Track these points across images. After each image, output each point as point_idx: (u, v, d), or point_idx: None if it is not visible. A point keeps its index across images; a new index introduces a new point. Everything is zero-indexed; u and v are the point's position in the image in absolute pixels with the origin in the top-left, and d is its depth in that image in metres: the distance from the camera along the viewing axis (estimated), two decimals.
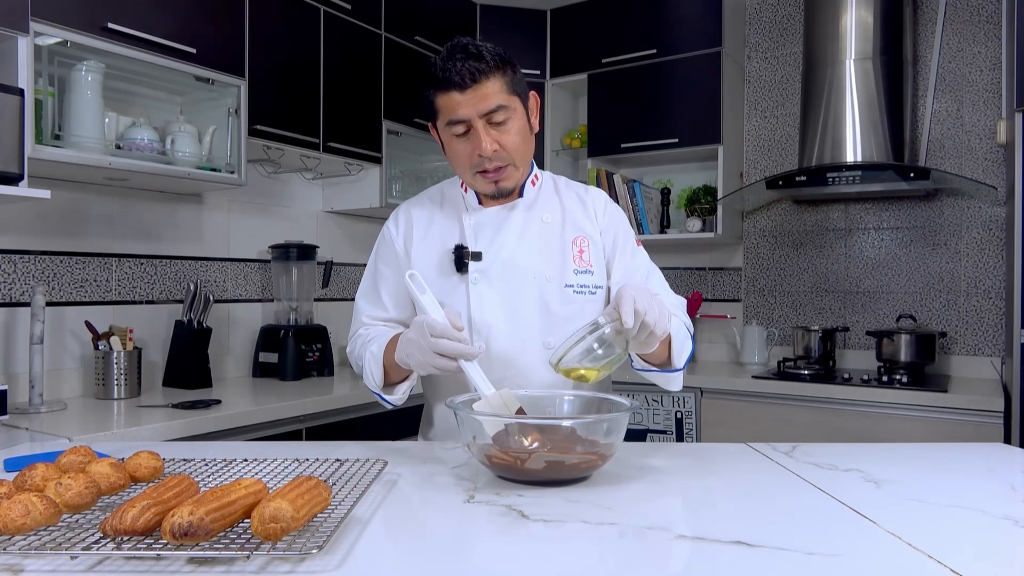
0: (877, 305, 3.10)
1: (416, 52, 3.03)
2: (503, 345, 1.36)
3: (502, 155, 1.30)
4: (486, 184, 1.34)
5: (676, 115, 3.18)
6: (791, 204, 3.28)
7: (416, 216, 1.45)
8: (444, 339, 1.15)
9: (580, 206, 1.45)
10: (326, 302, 3.04)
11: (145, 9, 2.05)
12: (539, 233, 1.40)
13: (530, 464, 1.03)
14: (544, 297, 1.37)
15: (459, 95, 1.26)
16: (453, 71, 1.25)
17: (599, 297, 1.41)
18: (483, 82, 1.25)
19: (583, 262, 1.40)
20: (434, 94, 1.30)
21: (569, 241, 1.40)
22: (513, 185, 1.37)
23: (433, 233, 1.43)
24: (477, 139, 1.28)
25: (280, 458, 1.14)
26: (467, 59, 1.25)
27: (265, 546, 0.75)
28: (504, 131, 1.30)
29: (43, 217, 2.18)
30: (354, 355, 1.43)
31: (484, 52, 1.26)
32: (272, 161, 2.71)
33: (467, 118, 1.27)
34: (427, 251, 1.42)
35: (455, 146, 1.32)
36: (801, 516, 0.96)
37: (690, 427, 2.81)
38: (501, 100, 1.27)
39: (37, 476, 0.90)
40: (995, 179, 2.85)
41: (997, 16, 2.87)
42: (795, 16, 3.27)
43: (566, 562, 0.80)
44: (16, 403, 2.03)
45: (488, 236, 1.39)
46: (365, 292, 1.50)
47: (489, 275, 1.37)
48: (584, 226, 1.42)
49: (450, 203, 1.45)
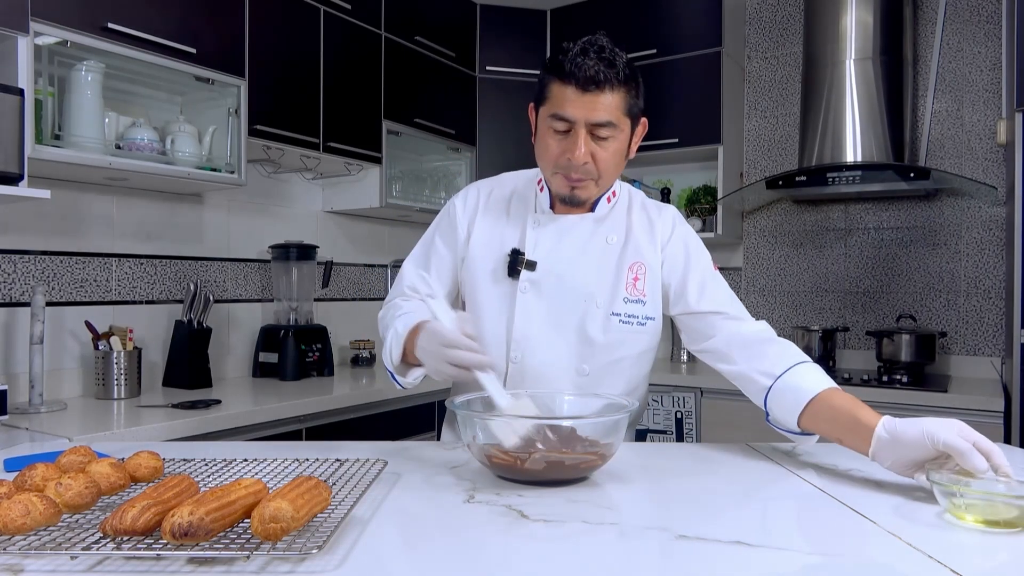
0: (877, 305, 3.10)
1: (416, 52, 3.03)
2: (538, 362, 1.33)
3: (590, 170, 1.25)
4: (562, 186, 1.29)
5: (676, 115, 3.18)
6: (791, 204, 3.28)
7: (485, 201, 1.41)
8: (456, 349, 1.12)
9: (647, 229, 1.38)
10: (326, 302, 3.04)
11: (145, 9, 2.05)
12: (600, 253, 1.35)
13: (530, 464, 1.03)
14: (586, 323, 1.33)
15: (576, 94, 1.20)
16: (582, 67, 1.18)
17: (648, 330, 1.35)
18: (605, 91, 1.20)
19: (636, 290, 1.34)
20: (551, 80, 1.23)
21: (626, 266, 1.35)
22: (587, 198, 1.33)
23: (497, 228, 1.39)
24: (574, 143, 1.23)
25: (280, 458, 1.13)
26: (599, 62, 1.18)
27: (265, 546, 0.75)
28: (603, 147, 1.24)
29: (43, 217, 2.18)
30: (383, 321, 1.39)
31: (618, 61, 1.20)
32: (272, 161, 2.71)
33: (574, 119, 1.21)
34: (486, 244, 1.38)
35: (548, 140, 1.26)
36: (801, 516, 0.96)
37: (690, 427, 2.81)
38: (613, 117, 1.22)
39: (37, 476, 0.90)
40: (995, 179, 2.85)
41: (997, 16, 2.87)
42: (795, 16, 3.27)
43: (566, 562, 0.80)
44: (16, 403, 2.03)
45: (547, 246, 1.35)
46: (415, 260, 1.46)
47: (539, 287, 1.33)
48: (645, 252, 1.36)
49: (520, 200, 1.41)
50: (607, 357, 1.35)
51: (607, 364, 1.35)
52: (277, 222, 2.89)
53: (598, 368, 1.35)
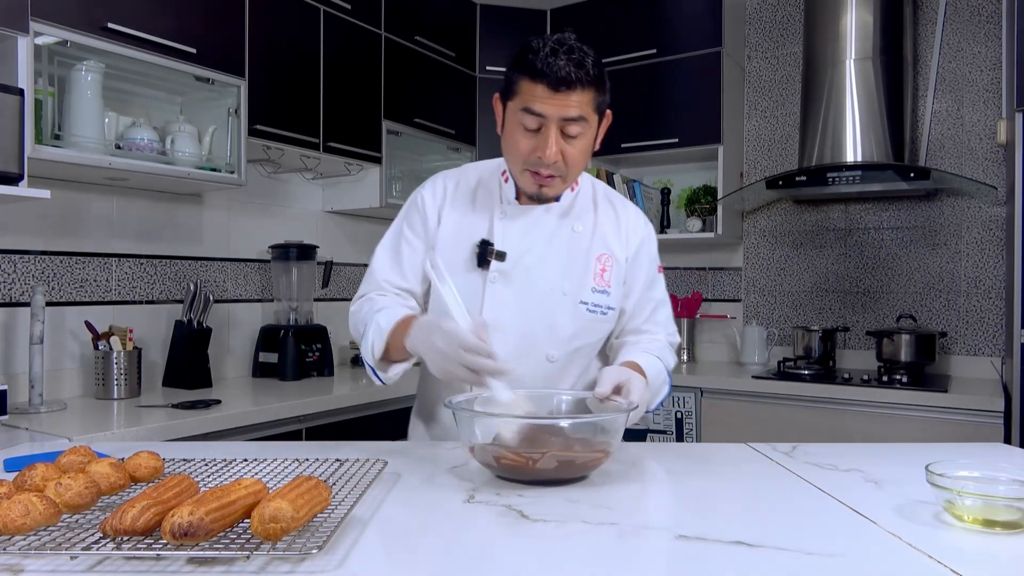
0: (877, 305, 3.10)
1: (416, 52, 3.03)
2: (508, 350, 1.32)
3: (560, 167, 1.27)
4: (531, 184, 1.31)
5: (676, 115, 3.18)
6: (791, 204, 3.28)
7: (452, 192, 1.42)
8: (475, 355, 1.12)
9: (614, 222, 1.42)
10: (326, 302, 3.04)
11: (145, 9, 2.05)
12: (567, 243, 1.38)
13: (543, 464, 1.03)
14: (555, 311, 1.35)
15: (547, 93, 1.21)
16: (553, 68, 1.19)
17: (609, 319, 1.40)
18: (575, 91, 1.21)
19: (603, 281, 1.38)
20: (521, 77, 1.24)
21: (594, 257, 1.38)
22: (555, 195, 1.35)
23: (465, 218, 1.40)
24: (544, 141, 1.24)
25: (280, 458, 1.13)
26: (570, 63, 1.20)
27: (265, 546, 0.75)
28: (572, 144, 1.26)
29: (43, 217, 2.18)
30: (359, 316, 1.38)
31: (587, 61, 1.21)
32: (272, 161, 2.71)
33: (546, 116, 1.23)
34: (455, 234, 1.39)
35: (518, 136, 1.27)
36: (801, 516, 0.96)
37: (690, 427, 2.81)
38: (584, 113, 1.24)
39: (37, 476, 0.90)
40: (995, 179, 2.85)
41: (997, 16, 2.87)
42: (795, 16, 3.26)
43: (566, 562, 0.80)
44: (16, 403, 2.03)
45: (516, 237, 1.36)
46: (385, 253, 1.45)
47: (508, 278, 1.35)
48: (612, 245, 1.40)
49: (485, 190, 1.42)
50: (573, 344, 1.38)
51: (572, 351, 1.39)
52: (277, 222, 2.89)
53: (564, 355, 1.38)
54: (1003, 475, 0.95)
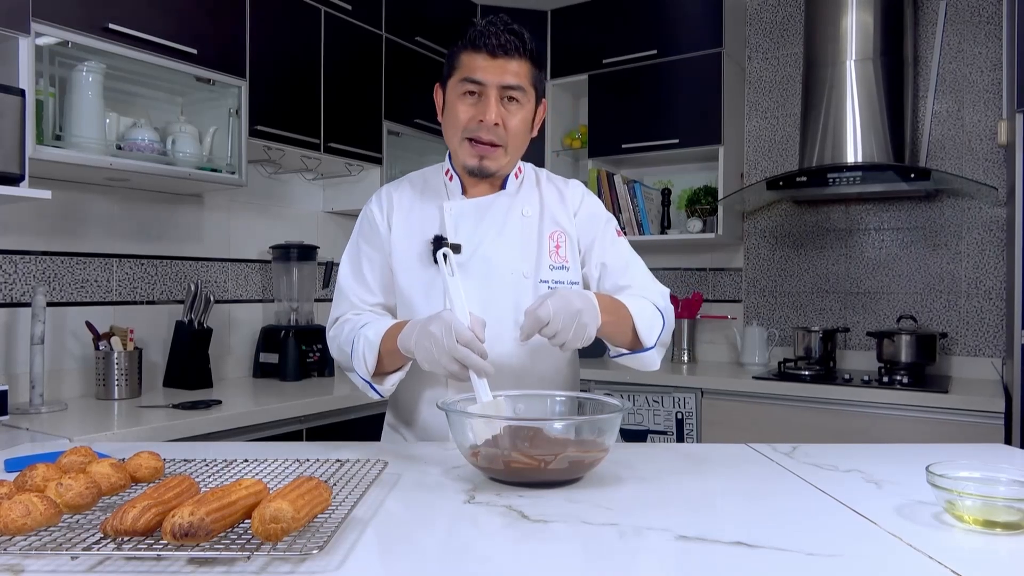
0: (878, 306, 3.10)
1: (416, 52, 3.04)
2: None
3: (500, 133, 1.31)
4: (471, 154, 1.33)
5: (677, 115, 3.18)
6: (791, 205, 3.27)
7: (397, 199, 1.45)
8: (468, 349, 1.13)
9: (559, 200, 1.45)
10: (326, 302, 3.04)
11: (146, 9, 2.05)
12: (519, 227, 1.40)
13: (555, 465, 1.03)
14: (518, 295, 1.36)
15: (486, 60, 1.29)
16: (490, 36, 1.28)
17: None
18: (513, 58, 1.29)
19: (559, 257, 1.40)
20: (460, 51, 1.32)
21: (546, 235, 1.40)
22: (496, 169, 1.36)
23: (413, 220, 1.42)
24: (485, 106, 1.29)
25: (280, 458, 1.14)
26: (506, 32, 1.28)
27: (265, 547, 0.75)
28: (512, 113, 1.31)
29: (44, 217, 2.18)
30: (340, 339, 1.38)
31: (524, 35, 1.30)
32: (273, 161, 2.71)
33: (485, 82, 1.29)
34: (407, 235, 1.41)
35: (457, 106, 1.32)
36: (801, 517, 0.96)
37: (690, 428, 2.81)
38: (523, 82, 1.30)
39: (38, 476, 0.90)
40: (996, 180, 2.85)
41: (997, 17, 2.87)
42: (795, 16, 3.27)
43: (566, 562, 0.80)
44: (17, 403, 2.03)
45: (468, 228, 1.38)
46: (351, 272, 1.46)
47: (466, 268, 1.35)
48: (561, 220, 1.43)
49: (432, 190, 1.45)
50: None
51: None
52: (278, 222, 2.89)
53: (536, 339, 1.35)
54: (1003, 476, 0.95)
